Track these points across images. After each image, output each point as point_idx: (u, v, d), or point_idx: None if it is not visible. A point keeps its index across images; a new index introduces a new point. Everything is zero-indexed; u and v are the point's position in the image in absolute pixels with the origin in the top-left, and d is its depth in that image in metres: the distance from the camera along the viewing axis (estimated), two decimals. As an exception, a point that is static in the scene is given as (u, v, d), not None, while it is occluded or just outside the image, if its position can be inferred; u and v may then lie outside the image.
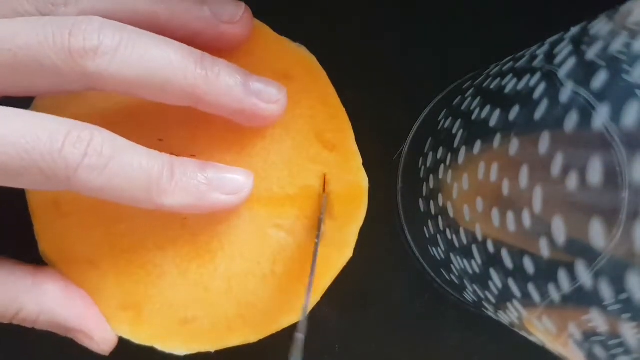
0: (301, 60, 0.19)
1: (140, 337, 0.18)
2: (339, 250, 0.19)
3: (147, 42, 0.15)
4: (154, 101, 0.16)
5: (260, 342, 0.19)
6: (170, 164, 0.16)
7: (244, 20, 0.17)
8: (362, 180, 0.19)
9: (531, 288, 0.14)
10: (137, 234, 0.18)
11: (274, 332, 0.19)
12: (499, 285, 0.16)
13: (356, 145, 0.19)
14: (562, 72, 0.13)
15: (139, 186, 0.15)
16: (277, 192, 0.19)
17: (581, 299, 0.12)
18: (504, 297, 0.16)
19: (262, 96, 0.17)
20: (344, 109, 0.19)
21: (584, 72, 0.12)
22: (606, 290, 0.11)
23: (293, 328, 0.17)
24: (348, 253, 0.19)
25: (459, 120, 0.19)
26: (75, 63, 0.14)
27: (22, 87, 0.15)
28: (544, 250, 0.13)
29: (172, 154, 0.17)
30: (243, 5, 0.17)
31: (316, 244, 0.18)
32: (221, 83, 0.16)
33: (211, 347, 0.19)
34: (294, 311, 0.19)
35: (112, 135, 0.15)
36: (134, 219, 0.18)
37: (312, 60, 0.19)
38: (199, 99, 0.16)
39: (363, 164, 0.19)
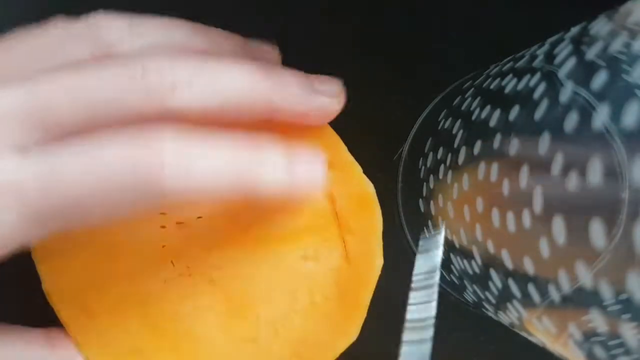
0: None
1: None
2: (368, 263, 0.19)
3: (215, 68, 0.15)
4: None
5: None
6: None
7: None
8: (368, 187, 0.19)
9: (531, 288, 0.14)
10: (167, 301, 0.18)
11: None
12: (499, 285, 0.16)
13: (351, 155, 0.19)
14: (562, 72, 0.13)
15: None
16: (291, 225, 0.19)
17: (581, 299, 0.12)
18: (504, 297, 0.16)
19: (327, 93, 0.17)
20: (327, 125, 0.19)
21: (584, 72, 0.12)
22: (606, 291, 0.11)
23: (350, 349, 0.17)
24: (379, 262, 0.19)
25: (459, 121, 0.19)
26: (155, 102, 0.14)
27: None
28: (544, 250, 0.13)
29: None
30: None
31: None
32: (290, 89, 0.16)
33: None
34: (346, 334, 0.19)
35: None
36: (158, 283, 0.18)
37: None
38: (273, 109, 0.16)
39: (363, 164, 0.19)
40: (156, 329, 0.18)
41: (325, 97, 0.17)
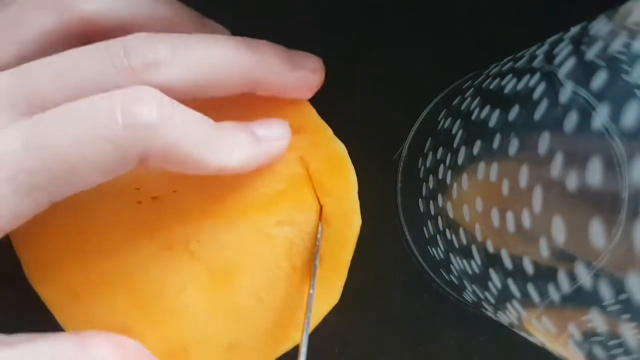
0: None
1: None
2: (346, 223, 0.19)
3: (197, 43, 0.15)
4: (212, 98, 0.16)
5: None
6: None
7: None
8: (339, 148, 0.19)
9: (531, 288, 0.14)
10: (149, 276, 0.18)
11: (317, 324, 0.19)
12: (499, 285, 0.16)
13: (321, 119, 0.19)
14: (561, 72, 0.13)
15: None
16: (266, 192, 0.19)
17: (581, 299, 0.12)
18: (504, 297, 0.16)
19: (308, 67, 0.18)
20: None
21: (584, 72, 0.12)
22: (606, 291, 0.11)
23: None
24: (357, 221, 0.19)
25: (459, 121, 0.19)
26: (139, 79, 0.14)
27: None
28: (544, 250, 0.13)
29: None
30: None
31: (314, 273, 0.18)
32: (272, 63, 0.17)
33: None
34: (328, 296, 0.19)
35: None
36: (139, 259, 0.18)
37: None
38: (255, 83, 0.17)
39: (363, 164, 0.19)
40: (141, 305, 0.18)
41: (306, 71, 0.18)
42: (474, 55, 0.23)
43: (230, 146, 0.16)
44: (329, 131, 0.19)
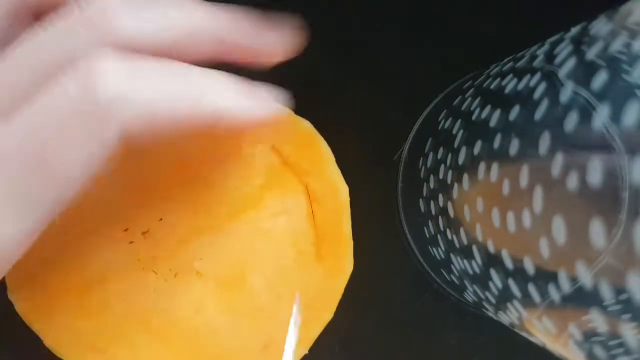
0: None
1: None
2: (335, 194, 0.19)
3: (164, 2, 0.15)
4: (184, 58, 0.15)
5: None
6: None
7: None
8: (304, 124, 0.19)
9: (531, 288, 0.14)
10: (166, 310, 0.18)
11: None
12: (499, 285, 0.16)
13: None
14: (562, 72, 0.13)
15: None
16: (248, 191, 0.19)
17: (581, 299, 0.12)
18: (504, 297, 0.16)
19: (278, 30, 0.17)
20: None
21: (584, 72, 0.12)
22: (606, 291, 0.11)
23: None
24: (344, 189, 0.19)
25: (459, 121, 0.19)
26: (101, 32, 0.14)
27: None
28: (544, 250, 0.13)
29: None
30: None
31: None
32: (242, 24, 0.16)
33: (304, 348, 0.19)
34: (341, 270, 0.19)
35: None
36: (149, 296, 0.18)
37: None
38: (223, 44, 0.16)
39: (363, 164, 0.19)
40: (162, 339, 0.18)
41: (278, 34, 0.17)
42: (474, 55, 0.23)
43: (219, 88, 0.15)
44: (289, 111, 0.19)
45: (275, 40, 0.17)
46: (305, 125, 0.19)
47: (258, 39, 0.16)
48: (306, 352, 0.19)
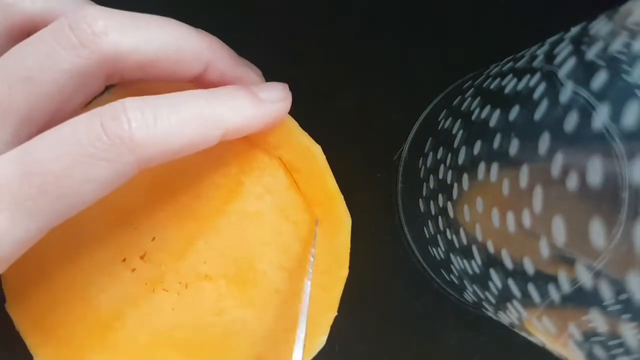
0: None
1: None
2: (310, 153, 0.19)
3: (145, 17, 0.15)
4: (167, 81, 0.16)
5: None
6: None
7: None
8: (309, 143, 0.19)
9: (531, 288, 0.14)
10: (188, 324, 0.18)
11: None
12: (499, 285, 0.16)
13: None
14: (562, 72, 0.13)
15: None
16: (225, 182, 0.19)
17: (581, 299, 0.12)
18: (504, 297, 0.16)
19: (250, 66, 0.18)
20: None
21: (584, 72, 0.12)
22: (606, 291, 0.11)
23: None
24: (317, 150, 0.19)
25: (459, 121, 0.19)
26: (89, 50, 0.14)
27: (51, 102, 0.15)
28: (544, 250, 0.13)
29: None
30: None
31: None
32: (222, 50, 0.17)
33: (332, 311, 0.19)
34: (340, 222, 0.19)
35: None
36: (167, 313, 0.18)
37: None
38: (205, 65, 0.16)
39: (363, 164, 0.19)
40: (195, 352, 0.18)
41: (251, 68, 0.18)
42: (474, 55, 0.23)
43: (231, 107, 0.16)
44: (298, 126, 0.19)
45: (249, 71, 0.18)
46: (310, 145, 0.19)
47: (235, 67, 0.17)
48: (335, 313, 0.19)
